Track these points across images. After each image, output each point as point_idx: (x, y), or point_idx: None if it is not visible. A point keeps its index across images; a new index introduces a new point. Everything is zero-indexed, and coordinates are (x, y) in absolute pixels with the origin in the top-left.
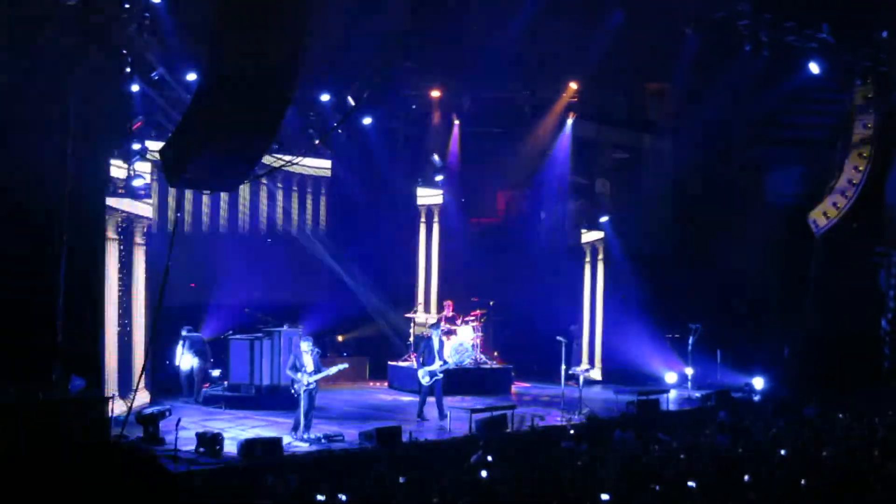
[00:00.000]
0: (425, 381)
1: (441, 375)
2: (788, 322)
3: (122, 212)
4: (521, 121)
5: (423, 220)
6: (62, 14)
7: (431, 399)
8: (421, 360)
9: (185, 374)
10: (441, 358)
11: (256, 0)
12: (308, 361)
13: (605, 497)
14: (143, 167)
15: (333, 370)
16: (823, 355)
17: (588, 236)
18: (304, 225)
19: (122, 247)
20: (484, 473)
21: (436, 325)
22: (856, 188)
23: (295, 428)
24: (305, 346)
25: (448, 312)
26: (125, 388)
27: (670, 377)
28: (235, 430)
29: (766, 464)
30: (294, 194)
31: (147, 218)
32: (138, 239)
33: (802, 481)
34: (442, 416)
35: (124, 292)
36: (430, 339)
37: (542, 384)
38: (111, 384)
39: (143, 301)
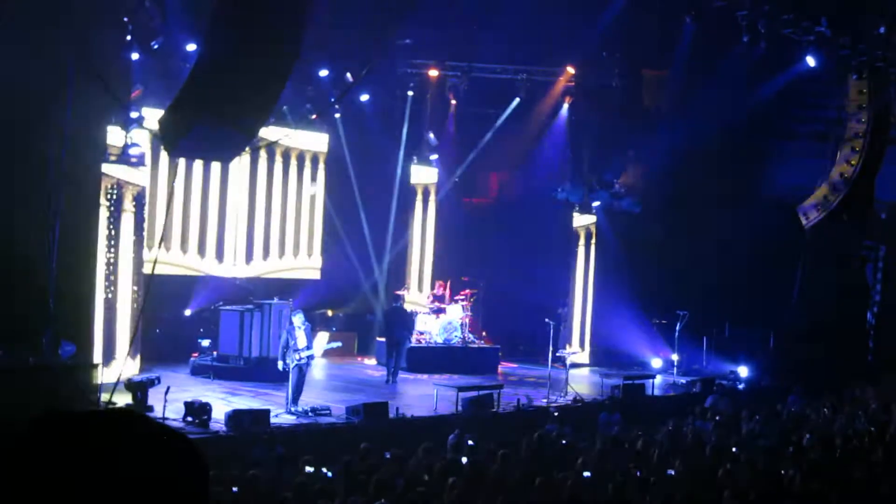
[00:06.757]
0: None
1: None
2: (776, 312)
3: (112, 177)
4: (517, 102)
5: (419, 198)
6: None
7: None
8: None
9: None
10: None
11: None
12: (300, 336)
13: (586, 474)
14: (139, 135)
15: (321, 348)
16: (809, 346)
17: (580, 220)
18: (298, 199)
19: (110, 213)
20: (464, 459)
21: (395, 299)
22: (847, 182)
23: (293, 402)
24: (297, 321)
25: (439, 291)
26: (110, 355)
27: (656, 362)
28: (224, 401)
29: (747, 451)
30: (289, 168)
31: (136, 184)
32: (126, 205)
33: (783, 471)
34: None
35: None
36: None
37: (529, 365)
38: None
39: (131, 268)
